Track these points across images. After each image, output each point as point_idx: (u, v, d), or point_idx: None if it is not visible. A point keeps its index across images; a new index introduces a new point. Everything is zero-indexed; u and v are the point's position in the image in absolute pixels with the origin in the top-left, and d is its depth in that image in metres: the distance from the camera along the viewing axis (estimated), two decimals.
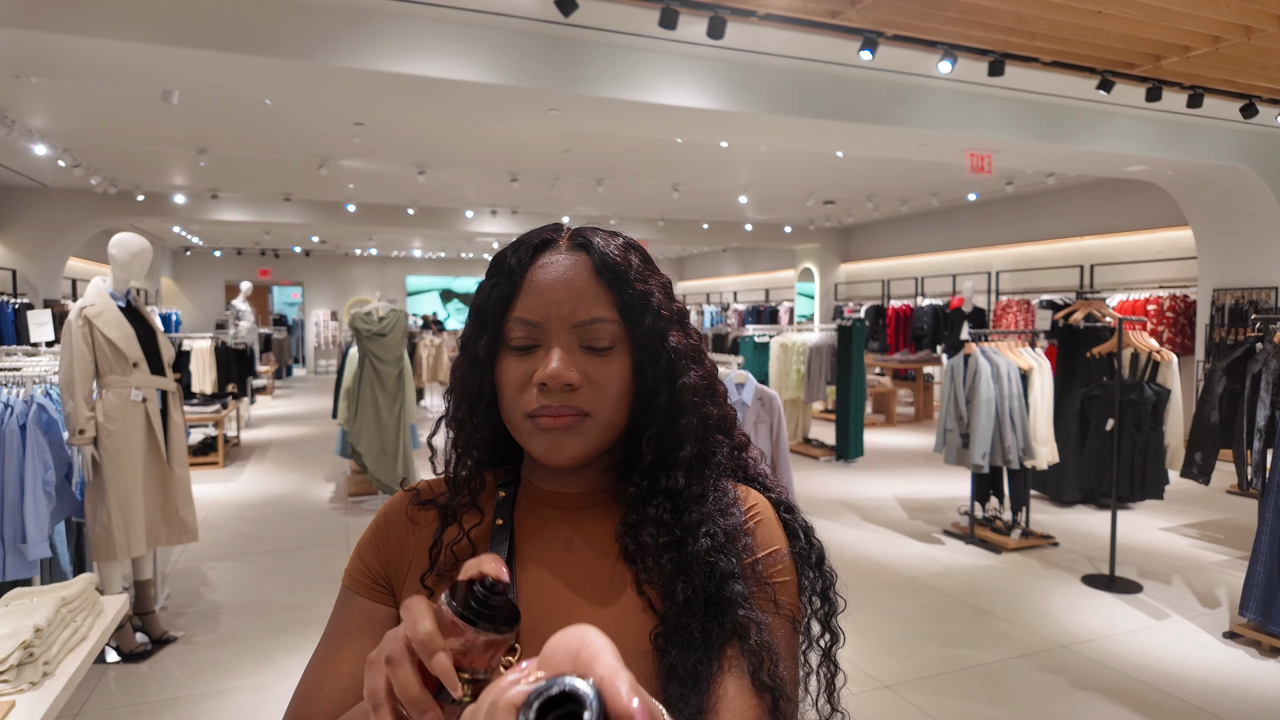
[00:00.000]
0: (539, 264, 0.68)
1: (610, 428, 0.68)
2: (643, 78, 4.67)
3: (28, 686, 1.57)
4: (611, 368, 0.67)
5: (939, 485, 6.13)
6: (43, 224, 9.19)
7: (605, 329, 0.66)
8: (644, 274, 0.70)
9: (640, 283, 0.68)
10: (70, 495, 3.05)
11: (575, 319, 0.66)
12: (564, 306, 0.66)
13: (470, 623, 0.46)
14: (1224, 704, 2.77)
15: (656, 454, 0.69)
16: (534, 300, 0.67)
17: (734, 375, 3.38)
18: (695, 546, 0.65)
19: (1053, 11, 4.12)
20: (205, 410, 6.83)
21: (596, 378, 0.66)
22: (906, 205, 10.97)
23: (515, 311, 0.67)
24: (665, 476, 0.68)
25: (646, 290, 0.68)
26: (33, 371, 3.12)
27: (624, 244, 0.71)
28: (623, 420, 0.69)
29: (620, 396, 0.67)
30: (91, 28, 3.62)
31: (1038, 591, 3.87)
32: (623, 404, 0.68)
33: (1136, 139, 6.13)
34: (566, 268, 0.67)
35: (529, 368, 0.66)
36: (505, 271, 0.69)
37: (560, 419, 0.65)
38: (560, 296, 0.66)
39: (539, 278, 0.67)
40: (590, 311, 0.66)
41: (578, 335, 0.66)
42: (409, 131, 6.88)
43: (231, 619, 3.52)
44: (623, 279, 0.67)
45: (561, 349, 0.65)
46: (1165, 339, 7.79)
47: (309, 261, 17.96)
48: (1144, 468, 4.52)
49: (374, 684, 0.45)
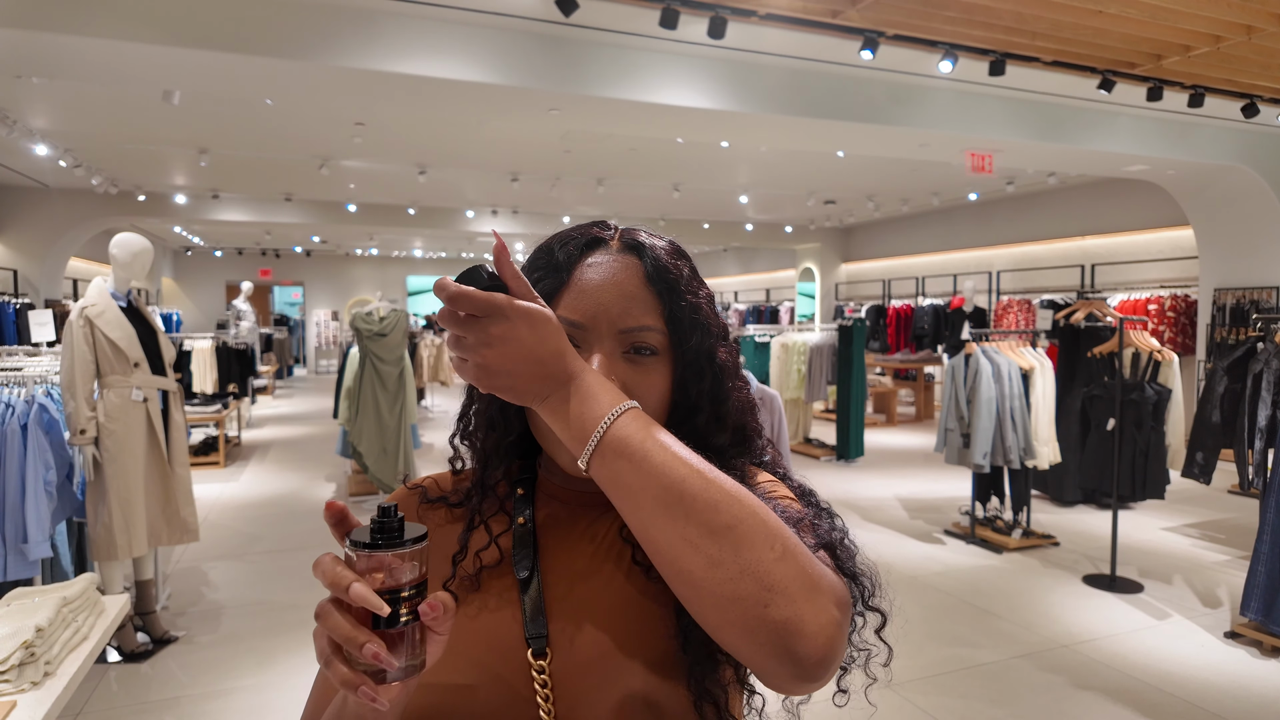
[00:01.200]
0: (588, 262, 0.66)
1: None
2: (643, 78, 4.67)
3: (29, 686, 1.58)
4: (652, 379, 0.65)
5: (940, 485, 6.12)
6: (44, 224, 9.20)
7: (651, 338, 0.64)
8: (694, 285, 0.68)
9: (690, 295, 0.66)
10: (71, 495, 3.05)
11: (623, 324, 0.64)
12: (613, 310, 0.64)
13: (376, 547, 0.48)
14: (1225, 704, 2.77)
15: None
16: (581, 300, 0.64)
17: None
18: None
19: (1053, 11, 4.12)
20: (206, 410, 6.83)
21: (636, 388, 0.64)
22: (907, 205, 10.96)
23: (559, 310, 0.64)
24: None
25: (696, 303, 0.67)
26: (34, 371, 3.13)
27: (674, 249, 0.69)
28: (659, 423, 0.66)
29: (657, 409, 0.65)
30: (92, 28, 3.62)
31: (1039, 591, 3.87)
32: (658, 417, 0.65)
33: (1137, 139, 6.13)
34: (617, 270, 0.65)
35: None
36: (552, 266, 0.66)
37: None
38: (610, 299, 0.64)
39: (588, 277, 0.65)
40: (639, 319, 0.64)
41: (621, 341, 0.64)
42: (409, 131, 6.89)
43: (233, 619, 3.52)
44: (674, 289, 0.65)
45: (604, 355, 0.63)
46: (1166, 339, 7.78)
47: (310, 261, 17.97)
48: (1145, 467, 4.52)
49: (319, 645, 0.48)
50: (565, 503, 0.71)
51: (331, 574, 0.47)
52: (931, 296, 11.52)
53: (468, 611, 0.65)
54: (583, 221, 0.72)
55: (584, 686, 0.60)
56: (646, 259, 0.66)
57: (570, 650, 0.61)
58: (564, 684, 0.60)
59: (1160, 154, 6.23)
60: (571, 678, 0.60)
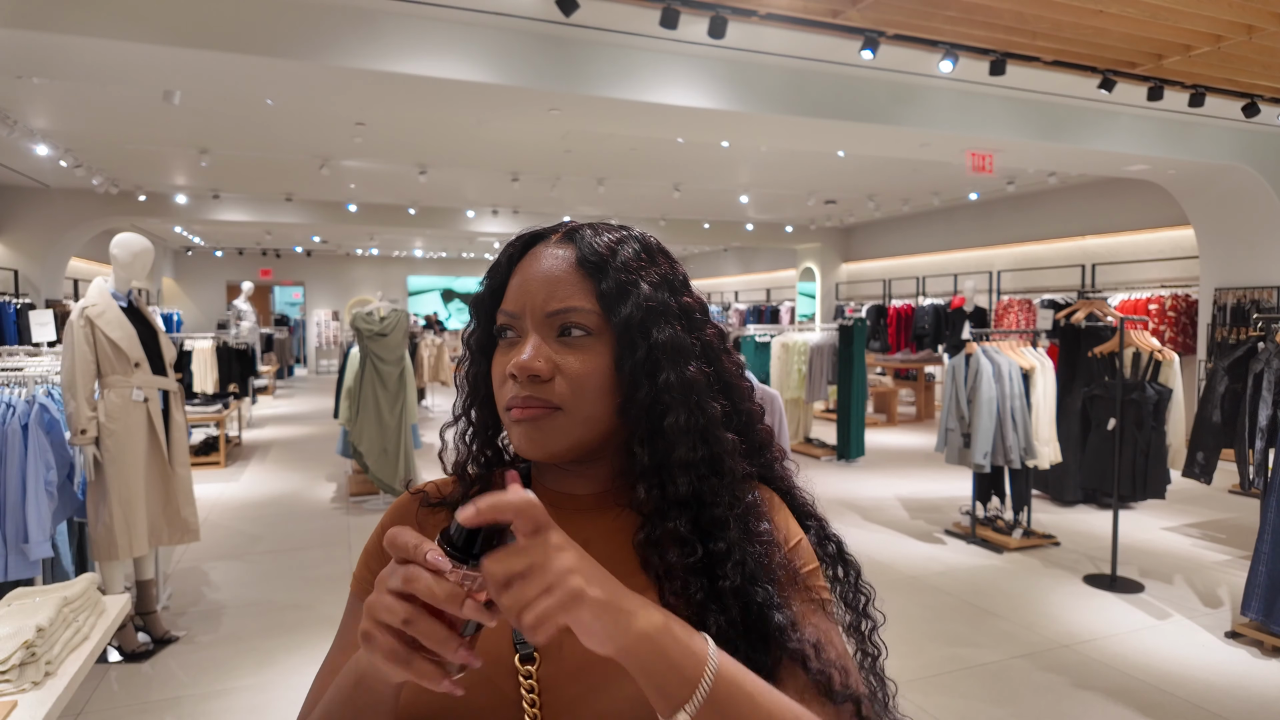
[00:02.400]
0: (527, 257, 0.68)
1: (589, 423, 0.65)
2: (644, 77, 4.67)
3: (30, 686, 1.58)
4: (584, 359, 0.64)
5: (940, 485, 6.12)
6: (44, 224, 9.20)
7: (578, 317, 0.64)
8: (634, 265, 0.67)
9: (625, 273, 0.66)
10: (72, 495, 3.05)
11: (549, 307, 0.64)
12: (538, 296, 0.65)
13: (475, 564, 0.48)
14: (1226, 704, 2.76)
15: (652, 458, 0.65)
16: (515, 292, 0.67)
17: None
18: (727, 583, 0.62)
19: (1054, 11, 4.12)
20: (207, 410, 6.84)
21: (568, 369, 0.64)
22: (908, 205, 10.96)
23: (503, 303, 0.67)
24: (670, 483, 0.65)
25: (630, 280, 0.66)
26: (34, 372, 3.13)
27: (621, 238, 0.69)
28: (606, 416, 0.66)
29: (598, 390, 0.64)
30: (93, 28, 3.62)
31: (1039, 591, 3.86)
32: (602, 398, 0.65)
33: (1138, 138, 6.12)
34: (549, 260, 0.67)
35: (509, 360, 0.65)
36: (496, 269, 0.70)
37: (528, 410, 0.63)
38: (537, 286, 0.65)
39: (524, 270, 0.67)
40: (565, 300, 0.65)
41: (551, 325, 0.65)
42: (410, 131, 6.89)
43: (233, 619, 3.52)
44: (603, 268, 0.65)
45: (535, 340, 0.64)
46: (1167, 338, 7.78)
47: (310, 261, 17.97)
48: (1146, 467, 4.52)
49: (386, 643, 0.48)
50: (559, 509, 0.69)
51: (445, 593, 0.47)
52: (932, 296, 11.51)
53: None
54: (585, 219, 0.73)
55: (572, 693, 0.60)
56: (581, 244, 0.67)
57: (559, 657, 0.61)
58: (551, 690, 0.60)
59: (1161, 154, 6.23)
60: (559, 684, 0.60)
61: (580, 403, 0.64)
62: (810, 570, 0.66)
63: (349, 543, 4.66)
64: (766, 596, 0.62)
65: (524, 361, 0.63)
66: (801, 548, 0.68)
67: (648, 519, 0.66)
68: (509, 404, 0.64)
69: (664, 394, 0.64)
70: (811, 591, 0.65)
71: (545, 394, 0.63)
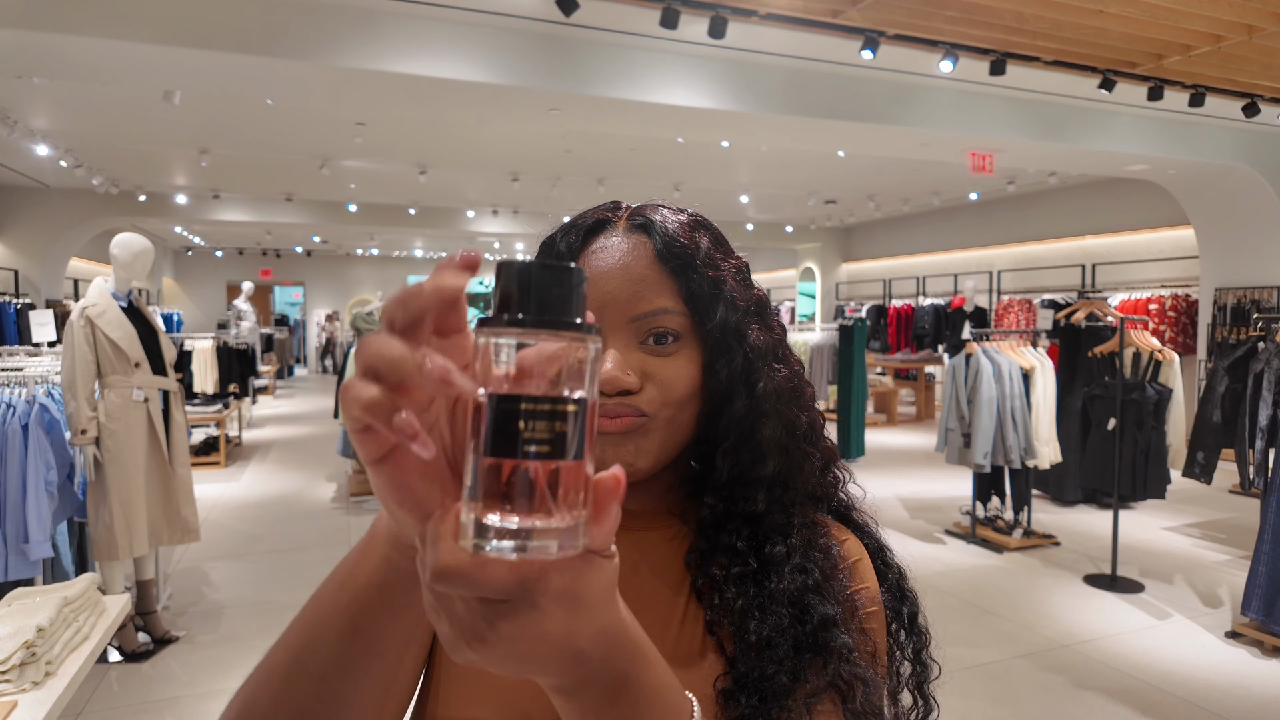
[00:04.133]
0: (592, 249, 0.60)
1: (675, 434, 0.59)
2: (644, 77, 4.67)
3: (30, 686, 1.58)
4: (676, 366, 0.58)
5: (941, 485, 6.12)
6: (45, 224, 9.20)
7: (669, 321, 0.58)
8: (714, 258, 0.61)
9: (710, 269, 0.60)
10: (72, 495, 3.05)
11: (634, 311, 0.57)
12: (620, 297, 0.57)
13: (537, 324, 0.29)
14: (1226, 704, 2.76)
15: (733, 471, 0.59)
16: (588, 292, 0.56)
17: None
18: (780, 584, 0.57)
19: (1054, 11, 4.12)
20: (207, 410, 6.83)
21: (659, 377, 0.57)
22: (908, 205, 10.96)
23: None
24: (744, 499, 0.59)
25: (718, 277, 0.60)
26: (35, 372, 3.13)
27: (690, 222, 0.62)
28: (690, 427, 0.60)
29: (687, 399, 0.58)
30: (93, 28, 3.62)
31: (1039, 591, 3.86)
32: (689, 408, 0.59)
33: (1138, 138, 6.12)
34: (624, 253, 0.59)
35: None
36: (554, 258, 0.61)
37: (618, 420, 0.55)
38: (616, 286, 0.58)
39: (593, 265, 0.59)
40: (652, 302, 0.58)
41: (637, 330, 0.58)
42: (410, 131, 6.88)
43: (233, 619, 3.52)
44: (689, 264, 0.59)
45: (618, 349, 0.57)
46: (1167, 338, 7.78)
47: (310, 261, 17.97)
48: (1146, 467, 4.52)
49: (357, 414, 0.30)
50: None
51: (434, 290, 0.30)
52: (932, 296, 11.52)
53: None
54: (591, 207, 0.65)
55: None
56: (656, 235, 0.60)
57: None
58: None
59: (1161, 153, 6.23)
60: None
61: (668, 412, 0.57)
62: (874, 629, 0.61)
63: (349, 542, 4.66)
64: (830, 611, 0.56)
65: (611, 376, 0.55)
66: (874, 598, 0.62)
67: (703, 532, 0.60)
68: None
69: (762, 404, 0.59)
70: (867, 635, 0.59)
71: (636, 403, 0.57)
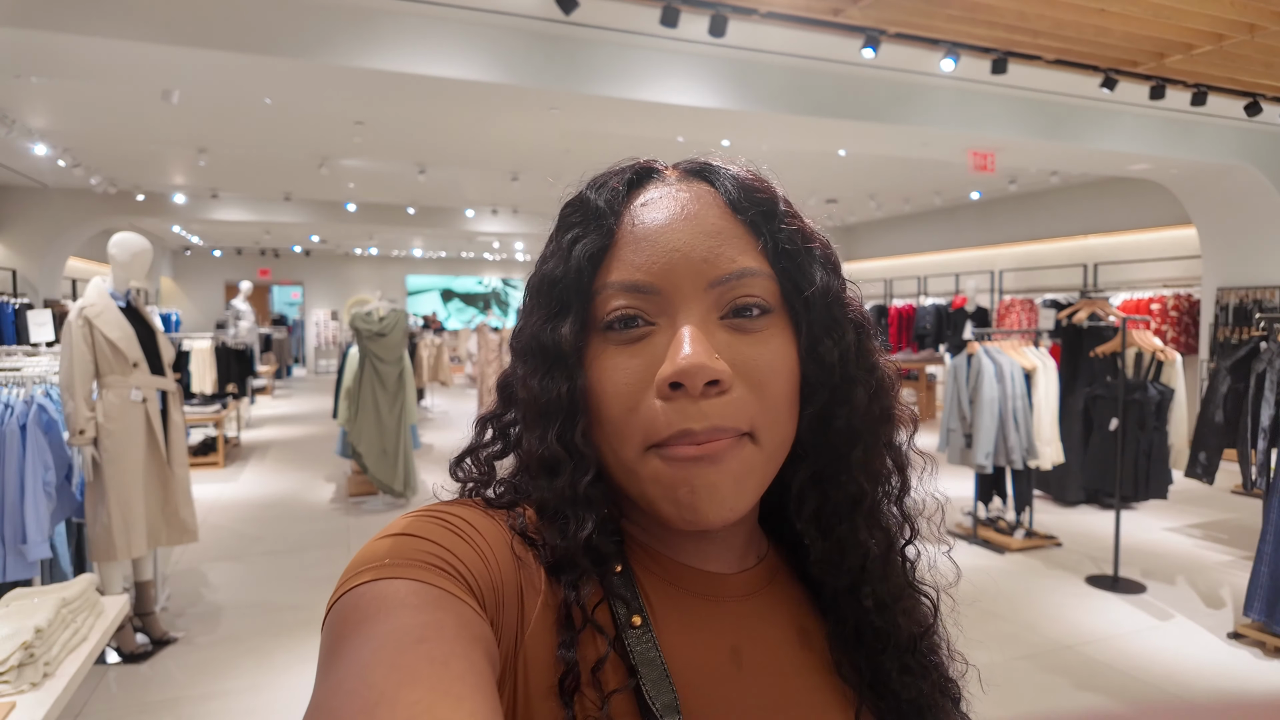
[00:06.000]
0: (642, 200, 0.46)
1: (779, 452, 0.45)
2: (644, 76, 4.66)
3: (28, 687, 1.56)
4: (774, 350, 0.43)
5: (942, 485, 6.10)
6: (43, 224, 9.19)
7: (758, 286, 0.44)
8: (794, 209, 0.47)
9: (793, 219, 0.46)
10: (70, 496, 3.04)
11: (714, 273, 0.43)
12: (695, 254, 0.43)
13: None
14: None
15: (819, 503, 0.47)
16: (644, 251, 0.43)
17: None
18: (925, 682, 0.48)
19: (1056, 9, 4.11)
20: (205, 410, 6.82)
21: (754, 362, 0.42)
22: (909, 204, 10.95)
23: (612, 275, 0.43)
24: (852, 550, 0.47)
25: (807, 230, 0.46)
26: (33, 372, 3.11)
27: (752, 169, 0.49)
28: (790, 438, 0.45)
29: (790, 398, 0.44)
30: (91, 27, 3.61)
31: (1041, 592, 3.85)
32: (792, 410, 0.44)
33: (1140, 137, 6.11)
34: (686, 201, 0.45)
35: (643, 364, 0.42)
36: (592, 215, 0.45)
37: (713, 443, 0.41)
38: (685, 239, 0.43)
39: (647, 219, 0.44)
40: (735, 259, 0.43)
41: (718, 299, 0.43)
42: (409, 131, 6.87)
43: (232, 620, 3.51)
44: (771, 213, 0.45)
45: (694, 324, 0.42)
46: (1169, 338, 7.77)
47: (309, 261, 17.96)
48: (1148, 468, 4.51)
49: None
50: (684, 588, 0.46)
51: None
52: (933, 296, 11.51)
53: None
54: None
55: None
56: (724, 181, 0.46)
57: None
58: None
59: (1163, 153, 6.22)
60: None
61: (772, 420, 0.43)
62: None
63: (348, 543, 4.64)
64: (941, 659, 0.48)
65: (695, 360, 0.40)
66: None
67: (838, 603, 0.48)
68: (669, 437, 0.41)
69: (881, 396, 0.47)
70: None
71: (729, 414, 0.41)
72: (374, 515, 5.25)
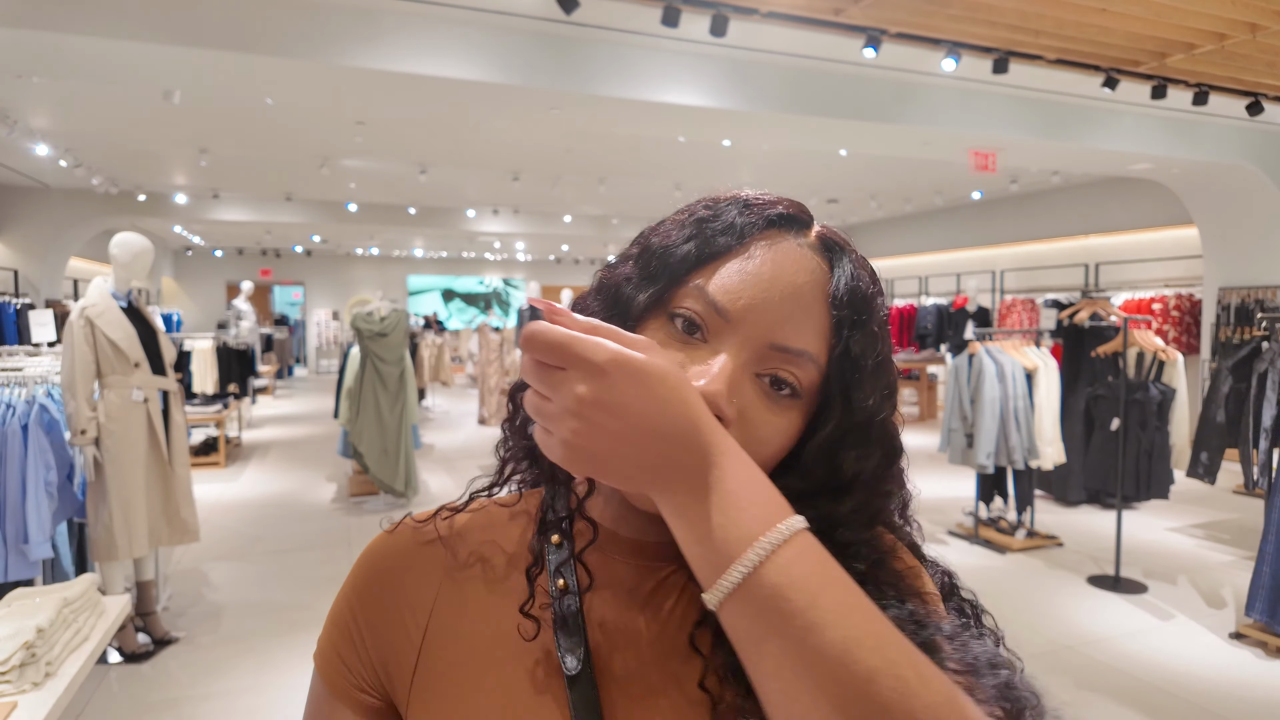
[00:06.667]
0: (767, 241, 0.50)
1: None
2: (645, 76, 4.66)
3: (30, 687, 1.57)
4: (780, 425, 0.48)
5: (943, 485, 6.11)
6: (44, 224, 9.20)
7: (803, 373, 0.48)
8: (884, 326, 0.51)
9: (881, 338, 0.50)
10: (72, 495, 3.04)
11: (778, 338, 0.47)
12: (773, 314, 0.47)
13: None
14: (1230, 705, 2.75)
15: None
16: (738, 283, 0.48)
17: None
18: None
19: (1057, 9, 4.10)
20: (206, 410, 6.83)
21: (757, 428, 0.47)
22: (910, 204, 10.95)
23: (707, 280, 0.48)
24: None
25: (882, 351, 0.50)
26: (34, 372, 3.11)
27: (874, 276, 0.52)
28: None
29: (772, 462, 0.49)
30: (93, 27, 3.61)
31: (1042, 592, 3.85)
32: (771, 464, 0.49)
33: (1141, 137, 6.11)
34: (798, 268, 0.49)
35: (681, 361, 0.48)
36: (727, 226, 0.50)
37: None
38: (774, 298, 0.47)
39: (759, 258, 0.49)
40: (802, 339, 0.48)
41: (765, 359, 0.47)
42: (410, 131, 6.88)
43: (233, 620, 3.51)
44: (860, 322, 0.49)
45: (733, 361, 0.47)
46: (1171, 338, 7.76)
47: (310, 261, 17.97)
48: (1149, 467, 4.51)
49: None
50: (624, 558, 0.53)
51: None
52: (935, 296, 11.50)
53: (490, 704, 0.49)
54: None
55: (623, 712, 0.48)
56: (841, 270, 0.50)
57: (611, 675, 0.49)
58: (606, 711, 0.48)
59: (1164, 152, 6.21)
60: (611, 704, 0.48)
61: None
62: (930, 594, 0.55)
63: (349, 543, 4.65)
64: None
65: (713, 389, 0.45)
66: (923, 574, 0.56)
67: None
68: None
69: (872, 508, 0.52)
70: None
71: None
72: (375, 515, 5.25)
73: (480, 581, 0.53)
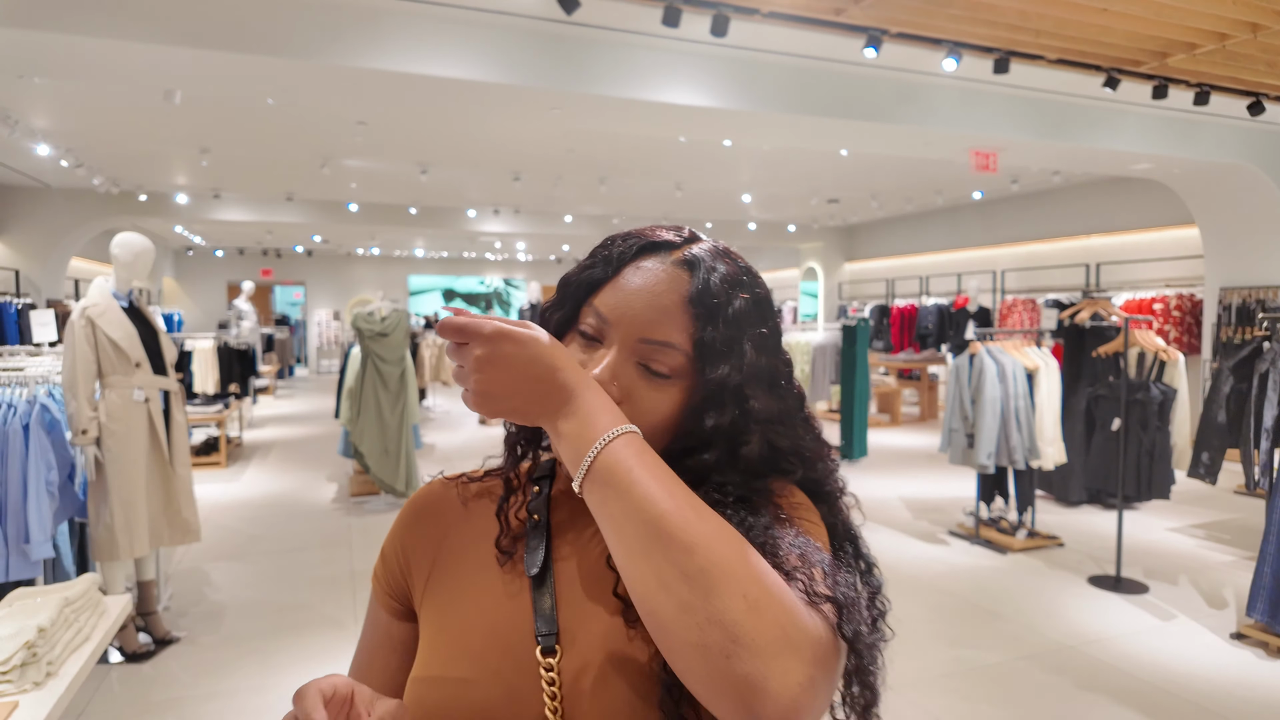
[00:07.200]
0: (638, 265, 0.65)
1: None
2: (646, 76, 4.66)
3: (31, 687, 1.57)
4: (660, 399, 0.63)
5: (944, 485, 6.11)
6: (45, 224, 9.21)
7: (670, 357, 0.62)
8: (743, 319, 0.64)
9: (732, 327, 0.63)
10: (73, 495, 3.04)
11: (645, 334, 0.62)
12: (640, 317, 0.63)
13: None
14: (1231, 705, 2.75)
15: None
16: (614, 298, 0.64)
17: None
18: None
19: (1058, 9, 4.10)
20: (207, 410, 6.83)
21: (641, 403, 0.62)
22: (911, 204, 10.94)
23: (596, 301, 0.65)
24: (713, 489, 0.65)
25: (735, 337, 0.63)
26: (36, 372, 3.12)
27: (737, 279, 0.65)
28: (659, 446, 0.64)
29: (661, 429, 0.63)
30: (94, 27, 3.61)
31: (1043, 592, 3.85)
32: (661, 436, 0.64)
33: (1142, 137, 6.10)
34: (661, 280, 0.64)
35: (583, 360, 0.64)
36: (606, 259, 0.67)
37: None
38: (640, 306, 0.63)
39: (630, 279, 0.65)
40: (664, 333, 0.62)
41: (639, 351, 0.63)
42: (411, 130, 6.88)
43: (234, 619, 3.51)
44: (713, 316, 0.62)
45: (616, 358, 0.62)
46: (1172, 338, 7.75)
47: (311, 261, 17.97)
48: (1150, 468, 4.50)
49: None
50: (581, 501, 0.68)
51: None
52: (936, 296, 11.49)
53: (473, 605, 0.66)
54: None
55: (592, 687, 0.59)
56: (698, 277, 0.63)
57: (578, 649, 0.60)
58: (571, 683, 0.59)
59: (1165, 152, 6.21)
60: (579, 677, 0.59)
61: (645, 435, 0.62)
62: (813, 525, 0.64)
63: (350, 543, 4.65)
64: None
65: (600, 379, 0.61)
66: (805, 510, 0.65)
67: None
68: None
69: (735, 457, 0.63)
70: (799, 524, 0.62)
71: None
72: (376, 515, 5.25)
73: (480, 519, 0.72)
